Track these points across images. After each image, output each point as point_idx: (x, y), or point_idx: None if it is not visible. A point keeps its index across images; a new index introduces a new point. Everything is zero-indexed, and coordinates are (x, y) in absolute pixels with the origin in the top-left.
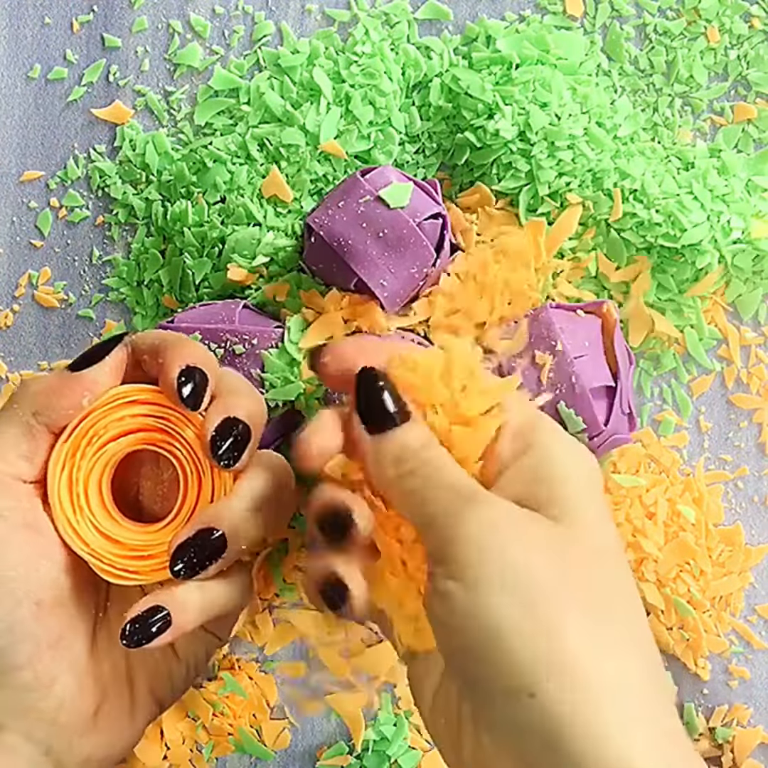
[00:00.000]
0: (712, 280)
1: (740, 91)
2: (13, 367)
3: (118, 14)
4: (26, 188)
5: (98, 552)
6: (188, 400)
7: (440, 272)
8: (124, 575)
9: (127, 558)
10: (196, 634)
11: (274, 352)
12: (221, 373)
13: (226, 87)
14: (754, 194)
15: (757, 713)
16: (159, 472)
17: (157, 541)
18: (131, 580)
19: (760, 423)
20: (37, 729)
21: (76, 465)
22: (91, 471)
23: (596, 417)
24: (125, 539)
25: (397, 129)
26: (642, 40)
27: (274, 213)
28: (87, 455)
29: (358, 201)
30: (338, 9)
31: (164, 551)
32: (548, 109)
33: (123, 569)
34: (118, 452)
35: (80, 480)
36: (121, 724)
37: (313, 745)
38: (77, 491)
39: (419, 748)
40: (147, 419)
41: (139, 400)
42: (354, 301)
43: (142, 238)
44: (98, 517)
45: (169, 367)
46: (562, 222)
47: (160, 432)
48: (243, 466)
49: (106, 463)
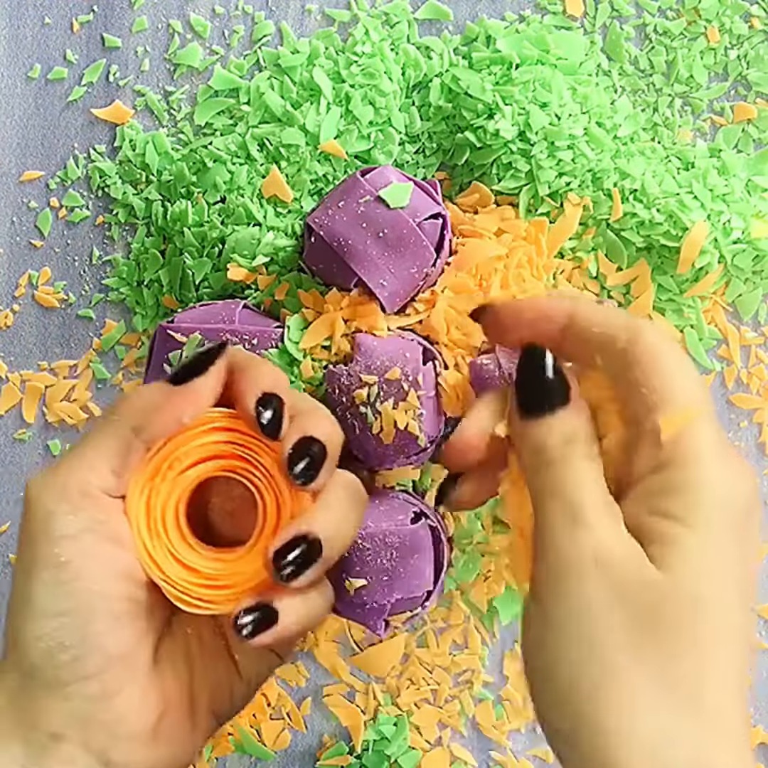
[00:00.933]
0: (712, 280)
1: (740, 91)
2: (13, 367)
3: (118, 14)
4: (26, 188)
5: (173, 579)
6: (269, 431)
7: (440, 272)
8: (199, 604)
9: (202, 586)
10: (261, 653)
11: (274, 352)
12: (293, 393)
13: (226, 87)
14: (754, 194)
15: (757, 713)
16: (228, 489)
17: (233, 570)
18: (205, 610)
19: (760, 423)
20: (96, 740)
21: (155, 489)
22: (169, 496)
23: None
24: (201, 567)
25: (397, 129)
26: (642, 40)
27: (274, 213)
28: (167, 479)
29: (358, 201)
30: (338, 9)
31: (240, 581)
32: (548, 109)
33: (197, 598)
34: (197, 478)
35: (158, 505)
36: (180, 739)
37: (313, 745)
38: (155, 516)
39: (419, 748)
40: (227, 446)
41: (219, 427)
42: (354, 301)
43: (142, 238)
44: (174, 543)
45: (245, 395)
46: (562, 222)
47: (239, 459)
48: (320, 486)
49: (185, 488)
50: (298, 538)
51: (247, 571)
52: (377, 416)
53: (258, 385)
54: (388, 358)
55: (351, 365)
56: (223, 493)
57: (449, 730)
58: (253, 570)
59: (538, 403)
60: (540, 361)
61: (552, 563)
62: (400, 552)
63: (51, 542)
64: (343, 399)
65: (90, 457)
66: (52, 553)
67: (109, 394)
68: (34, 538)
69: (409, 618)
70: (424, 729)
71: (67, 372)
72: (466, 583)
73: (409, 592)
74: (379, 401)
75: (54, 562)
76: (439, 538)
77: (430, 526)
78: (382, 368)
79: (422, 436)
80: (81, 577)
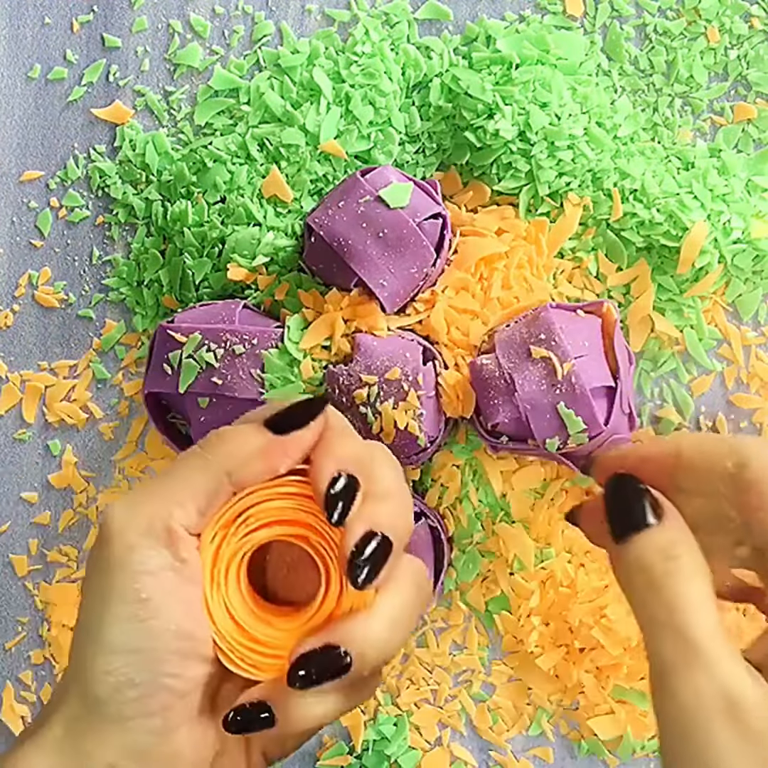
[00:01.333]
0: (712, 280)
1: (740, 91)
2: (13, 367)
3: (118, 14)
4: (26, 188)
5: (223, 633)
6: (333, 520)
7: (440, 272)
8: (242, 665)
9: (249, 650)
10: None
11: (274, 352)
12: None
13: (226, 87)
14: (754, 194)
15: None
16: (288, 550)
17: (284, 640)
18: (246, 672)
19: (760, 423)
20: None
21: (226, 540)
22: (236, 551)
23: (596, 417)
24: (252, 629)
25: (397, 129)
26: (642, 40)
27: (274, 213)
28: (239, 534)
29: (358, 201)
30: (338, 9)
31: (286, 653)
32: (548, 109)
33: (242, 658)
34: (265, 539)
35: (225, 557)
36: None
37: (313, 745)
38: (219, 567)
39: (419, 748)
40: (299, 513)
41: (296, 493)
42: (354, 301)
43: (142, 238)
44: (232, 599)
45: (321, 469)
46: (562, 222)
47: (308, 528)
48: (382, 581)
49: (253, 546)
50: (331, 647)
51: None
52: (377, 416)
53: (337, 462)
54: (388, 358)
55: (351, 365)
56: (281, 552)
57: (449, 730)
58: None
59: (631, 523)
60: (626, 485)
61: (673, 714)
62: None
63: (130, 576)
64: (343, 399)
65: (178, 492)
66: (131, 588)
67: (109, 394)
68: (111, 569)
69: None
70: (424, 729)
71: (67, 372)
72: (466, 583)
73: None
74: (379, 401)
75: (133, 598)
76: (439, 538)
77: (430, 526)
78: (382, 368)
79: (422, 436)
80: (159, 616)
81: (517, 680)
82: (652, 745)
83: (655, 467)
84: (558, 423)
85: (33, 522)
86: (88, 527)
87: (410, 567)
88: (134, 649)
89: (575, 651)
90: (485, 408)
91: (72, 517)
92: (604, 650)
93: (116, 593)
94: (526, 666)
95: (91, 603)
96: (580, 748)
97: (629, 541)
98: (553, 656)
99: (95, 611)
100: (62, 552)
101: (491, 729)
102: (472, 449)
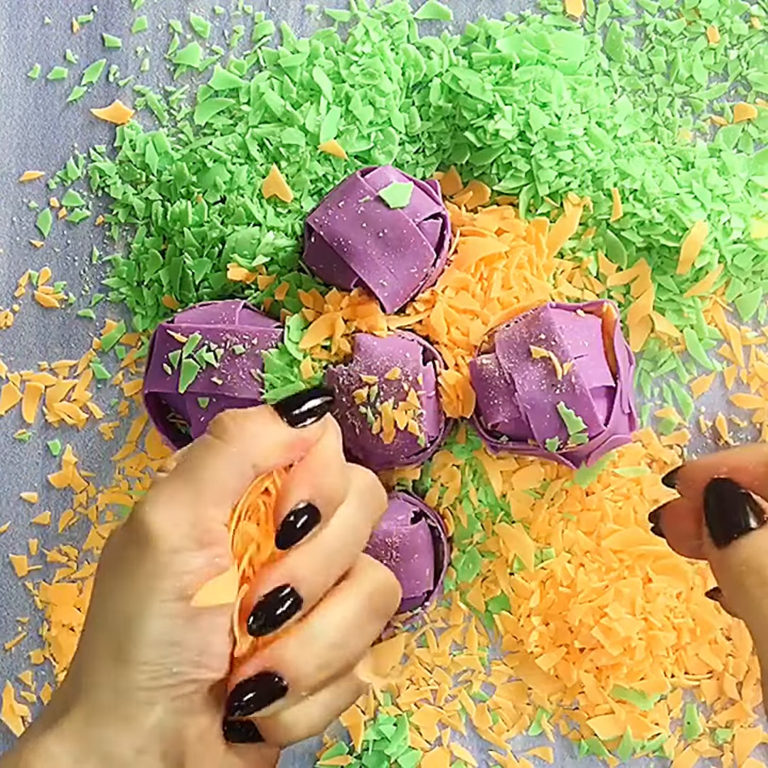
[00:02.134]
0: (712, 280)
1: (740, 91)
2: (13, 367)
3: (118, 14)
4: (26, 188)
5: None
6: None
7: (440, 272)
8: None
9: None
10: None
11: (274, 352)
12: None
13: (226, 87)
14: (754, 194)
15: (757, 713)
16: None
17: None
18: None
19: (760, 423)
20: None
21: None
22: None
23: (596, 417)
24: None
25: (397, 129)
26: (642, 40)
27: (274, 213)
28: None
29: (358, 201)
30: (338, 9)
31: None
32: (548, 109)
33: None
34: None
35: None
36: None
37: (313, 745)
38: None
39: (419, 748)
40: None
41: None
42: (354, 301)
43: (142, 238)
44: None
45: (291, 490)
46: (562, 222)
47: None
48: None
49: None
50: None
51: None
52: (377, 416)
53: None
54: (388, 358)
55: (351, 365)
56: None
57: (449, 730)
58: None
59: (735, 527)
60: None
61: None
62: (400, 552)
63: (173, 577)
64: (343, 399)
65: (213, 492)
66: (174, 587)
67: (109, 394)
68: (154, 571)
69: (409, 618)
70: (424, 729)
71: (67, 372)
72: (466, 583)
73: (409, 592)
74: (379, 401)
75: (177, 596)
76: (439, 538)
77: (430, 526)
78: (382, 368)
79: (422, 436)
80: (200, 611)
81: (517, 680)
82: (652, 745)
83: (747, 476)
84: (558, 423)
85: (33, 522)
86: (88, 527)
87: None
88: (175, 642)
89: (575, 651)
90: (485, 408)
91: (72, 517)
92: (604, 650)
93: (158, 592)
94: (526, 666)
95: (125, 600)
96: (580, 748)
97: (733, 545)
98: (553, 656)
99: (133, 608)
100: (62, 552)
101: (491, 729)
102: (472, 449)
